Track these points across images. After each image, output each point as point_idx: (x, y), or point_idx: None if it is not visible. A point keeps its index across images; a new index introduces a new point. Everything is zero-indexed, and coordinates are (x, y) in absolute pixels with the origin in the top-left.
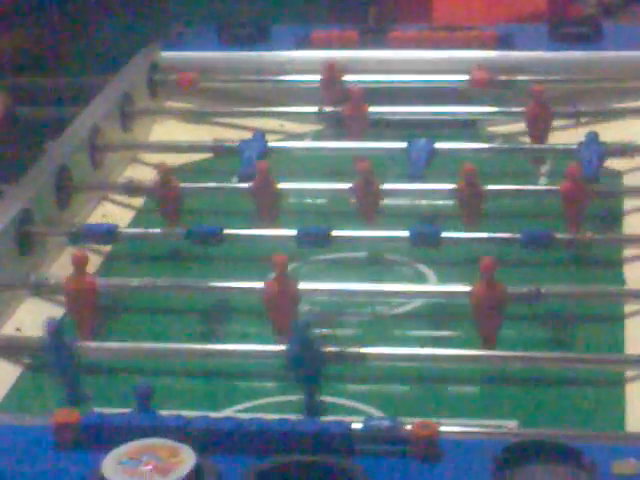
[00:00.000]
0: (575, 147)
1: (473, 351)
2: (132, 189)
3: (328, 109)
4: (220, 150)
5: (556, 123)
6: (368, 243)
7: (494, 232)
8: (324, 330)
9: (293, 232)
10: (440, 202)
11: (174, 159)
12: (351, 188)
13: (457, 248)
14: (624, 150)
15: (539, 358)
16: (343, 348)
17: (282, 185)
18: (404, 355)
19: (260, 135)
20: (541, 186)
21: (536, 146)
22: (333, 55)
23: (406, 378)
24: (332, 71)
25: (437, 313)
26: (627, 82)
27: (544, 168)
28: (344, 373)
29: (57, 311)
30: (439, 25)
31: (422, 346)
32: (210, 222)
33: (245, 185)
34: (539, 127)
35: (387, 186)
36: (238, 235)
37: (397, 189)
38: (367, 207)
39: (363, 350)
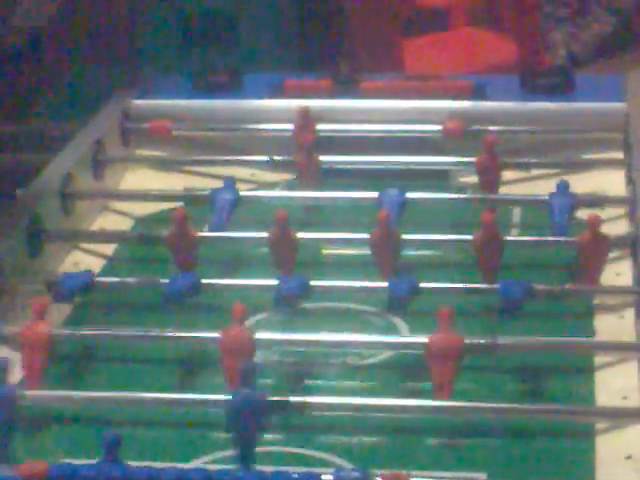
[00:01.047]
0: (546, 197)
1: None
2: (144, 239)
3: (278, 158)
4: (191, 199)
5: (526, 173)
6: (347, 294)
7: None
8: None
9: (274, 282)
10: (419, 252)
11: (146, 208)
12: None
13: (433, 299)
14: (594, 201)
15: (509, 410)
16: (286, 397)
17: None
18: (373, 406)
19: (230, 183)
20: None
21: (507, 196)
22: (306, 104)
23: (376, 429)
24: (306, 117)
25: (408, 364)
26: (597, 133)
27: (515, 218)
28: (312, 423)
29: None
30: (412, 75)
31: (393, 397)
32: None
33: (264, 235)
34: (489, 178)
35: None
36: (217, 285)
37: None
38: (386, 260)
39: (307, 399)
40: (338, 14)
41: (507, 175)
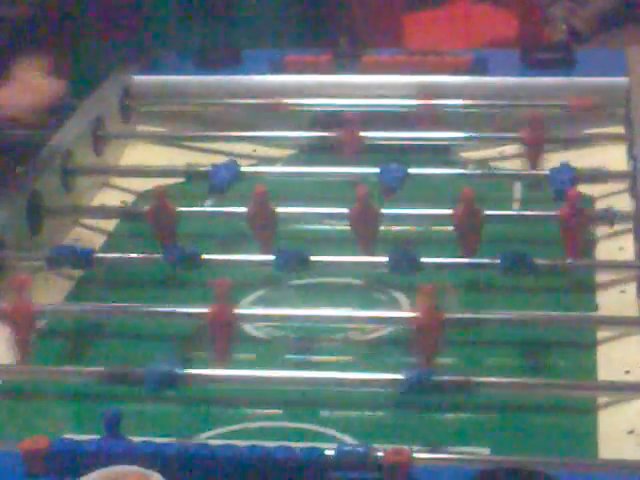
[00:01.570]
0: (547, 172)
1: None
2: (126, 214)
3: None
4: (192, 174)
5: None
6: (347, 268)
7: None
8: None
9: (271, 257)
10: (421, 227)
11: (146, 183)
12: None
13: (433, 274)
14: (596, 176)
15: (511, 384)
16: None
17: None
18: (376, 380)
19: (232, 160)
20: (539, 211)
21: (508, 172)
22: (306, 79)
23: (378, 404)
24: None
25: (410, 339)
26: (599, 108)
27: (516, 194)
28: (316, 399)
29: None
30: (412, 50)
31: (395, 372)
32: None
33: (243, 209)
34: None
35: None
36: (216, 260)
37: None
38: (366, 236)
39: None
40: None
41: (507, 150)
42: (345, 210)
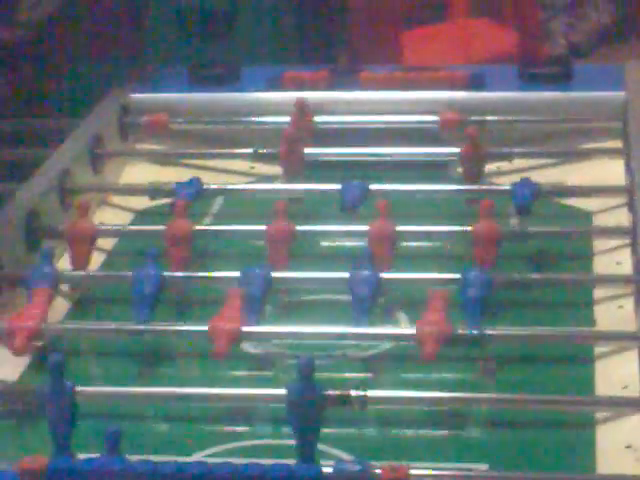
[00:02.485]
0: (509, 187)
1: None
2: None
3: (262, 150)
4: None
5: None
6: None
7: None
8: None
9: (236, 274)
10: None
11: (144, 201)
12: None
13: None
14: (593, 190)
15: (509, 400)
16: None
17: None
18: (374, 398)
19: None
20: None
21: (494, 187)
22: (304, 96)
23: (376, 421)
24: (302, 108)
25: (408, 356)
26: (596, 122)
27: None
28: None
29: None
30: (410, 66)
31: (392, 389)
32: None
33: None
34: (473, 168)
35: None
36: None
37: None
38: (384, 253)
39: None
40: (337, 5)
41: (506, 166)
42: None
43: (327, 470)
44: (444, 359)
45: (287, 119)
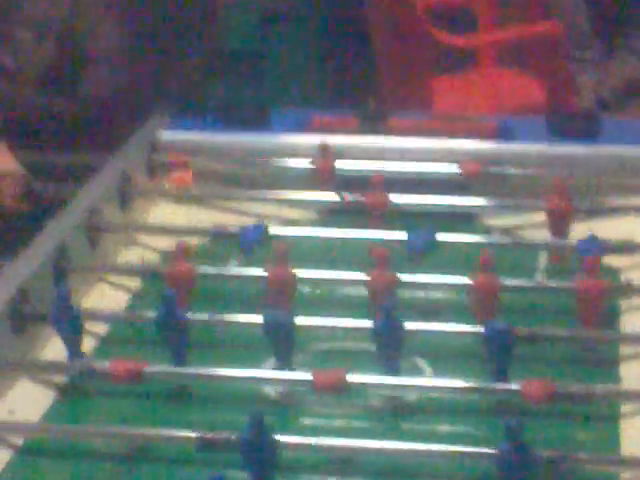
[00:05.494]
0: (574, 243)
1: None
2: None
3: (348, 197)
4: (219, 235)
5: None
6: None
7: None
8: None
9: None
10: (443, 295)
11: (172, 242)
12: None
13: (455, 341)
14: (623, 247)
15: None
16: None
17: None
18: (397, 450)
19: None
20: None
21: (533, 241)
22: (332, 140)
23: (397, 473)
24: (326, 153)
25: (433, 407)
26: (626, 178)
27: (541, 263)
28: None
29: (50, 394)
30: (439, 114)
31: (416, 441)
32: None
33: (261, 272)
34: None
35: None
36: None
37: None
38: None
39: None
40: (367, 52)
41: (534, 218)
42: (363, 276)
43: None
44: (473, 412)
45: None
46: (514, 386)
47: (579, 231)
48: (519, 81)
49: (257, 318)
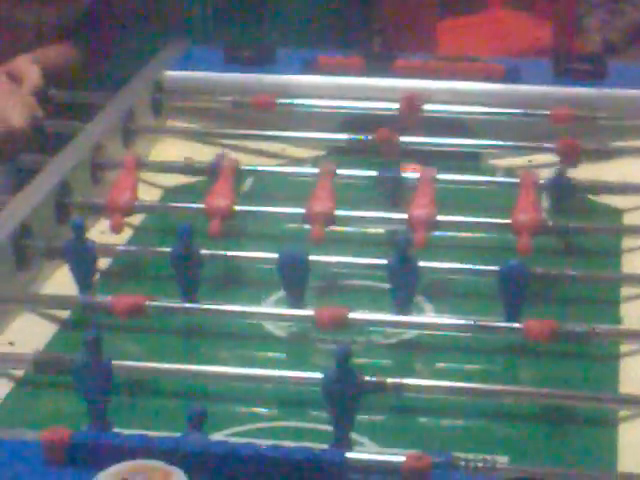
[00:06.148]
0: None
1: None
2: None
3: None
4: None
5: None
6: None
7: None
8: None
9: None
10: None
11: (175, 179)
12: None
13: (456, 280)
14: (624, 188)
15: (532, 394)
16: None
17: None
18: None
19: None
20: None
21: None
22: (339, 81)
23: (398, 409)
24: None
25: (432, 344)
26: (628, 120)
27: (544, 203)
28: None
29: (52, 327)
30: (445, 55)
31: (414, 377)
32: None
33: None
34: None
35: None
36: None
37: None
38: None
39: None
40: None
41: (537, 159)
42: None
43: (351, 456)
44: (470, 349)
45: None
46: (516, 325)
47: (583, 172)
48: (526, 23)
49: (271, 254)
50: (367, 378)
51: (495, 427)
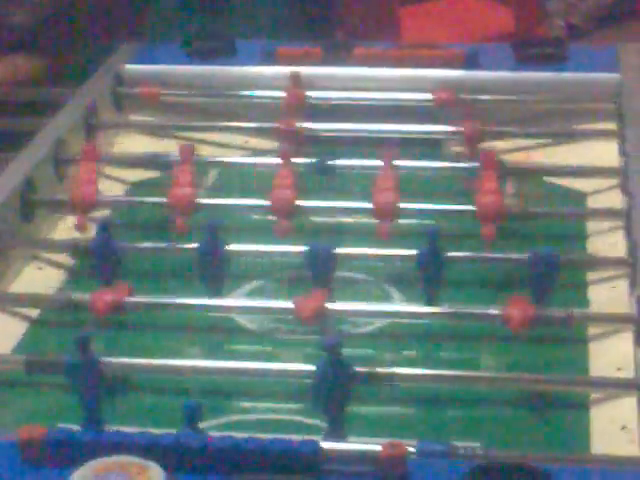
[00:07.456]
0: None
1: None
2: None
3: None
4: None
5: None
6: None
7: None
8: None
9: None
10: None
11: (138, 174)
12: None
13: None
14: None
15: (505, 379)
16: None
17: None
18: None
19: None
20: None
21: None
22: (298, 71)
23: (371, 399)
24: (297, 83)
25: (402, 333)
26: (590, 104)
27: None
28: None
29: (20, 326)
30: (405, 43)
31: (386, 365)
32: None
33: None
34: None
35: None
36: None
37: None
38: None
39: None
40: None
41: (500, 145)
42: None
43: (326, 446)
44: (442, 337)
45: (281, 93)
46: (494, 311)
47: (547, 155)
48: (488, 9)
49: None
50: (359, 369)
51: (469, 413)
